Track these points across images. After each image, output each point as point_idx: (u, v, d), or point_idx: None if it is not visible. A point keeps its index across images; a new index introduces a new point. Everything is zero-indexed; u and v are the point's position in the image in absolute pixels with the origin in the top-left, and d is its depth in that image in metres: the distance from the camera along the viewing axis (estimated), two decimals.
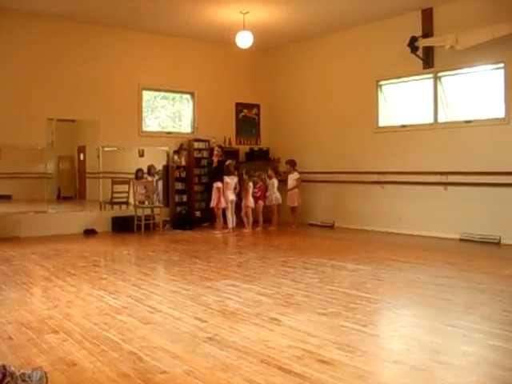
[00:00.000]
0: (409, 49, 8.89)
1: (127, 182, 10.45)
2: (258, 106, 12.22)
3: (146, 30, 10.37)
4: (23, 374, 2.70)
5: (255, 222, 10.13)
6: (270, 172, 10.52)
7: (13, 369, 2.71)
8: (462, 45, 8.10)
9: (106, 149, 10.26)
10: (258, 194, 10.21)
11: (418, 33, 8.89)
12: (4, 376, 2.63)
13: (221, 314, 4.23)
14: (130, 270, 6.48)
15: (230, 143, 11.52)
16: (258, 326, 3.87)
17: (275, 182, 10.45)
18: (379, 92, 9.92)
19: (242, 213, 10.09)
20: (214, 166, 10.16)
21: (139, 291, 5.05)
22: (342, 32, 10.36)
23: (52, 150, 9.80)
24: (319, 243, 8.54)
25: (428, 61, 8.92)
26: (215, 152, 10.27)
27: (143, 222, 9.81)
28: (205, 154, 11.05)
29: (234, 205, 9.99)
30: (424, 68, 9.01)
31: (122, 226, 9.88)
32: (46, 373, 2.80)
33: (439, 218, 8.77)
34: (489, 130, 8.22)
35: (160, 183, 10.86)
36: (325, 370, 3.00)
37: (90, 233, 9.70)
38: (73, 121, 10.18)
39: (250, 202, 9.98)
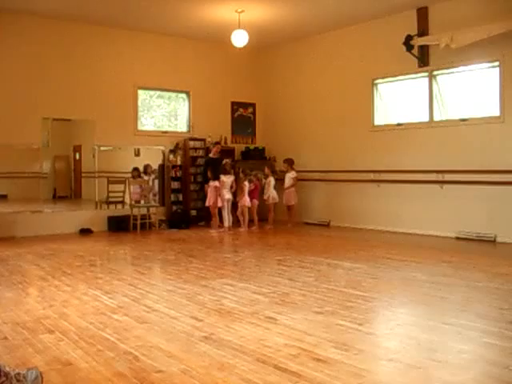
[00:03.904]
0: (404, 47, 8.90)
1: (123, 182, 10.42)
2: (253, 105, 12.21)
3: (141, 29, 10.36)
4: (18, 373, 2.69)
5: (251, 221, 10.13)
6: (266, 171, 10.51)
7: (7, 369, 2.69)
8: (457, 43, 8.12)
9: (101, 148, 10.26)
10: (253, 193, 10.20)
11: (414, 31, 8.90)
12: None
13: (217, 313, 4.22)
14: (125, 269, 6.46)
15: (225, 142, 11.52)
16: (253, 325, 3.86)
17: (272, 180, 10.43)
18: (375, 91, 9.93)
19: (238, 212, 10.09)
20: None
21: (135, 290, 5.04)
22: (338, 31, 10.37)
23: (47, 149, 9.77)
24: (315, 242, 8.55)
25: (423, 59, 8.93)
26: (215, 149, 10.27)
27: (139, 222, 9.79)
28: (201, 152, 11.04)
29: (230, 204, 9.99)
30: (419, 66, 9.02)
31: (118, 226, 9.87)
32: (41, 372, 2.78)
33: (435, 217, 8.79)
34: (484, 129, 8.24)
35: (156, 182, 10.86)
36: (321, 369, 3.00)
37: (85, 232, 9.68)
38: (68, 120, 10.15)
39: (246, 200, 9.97)
